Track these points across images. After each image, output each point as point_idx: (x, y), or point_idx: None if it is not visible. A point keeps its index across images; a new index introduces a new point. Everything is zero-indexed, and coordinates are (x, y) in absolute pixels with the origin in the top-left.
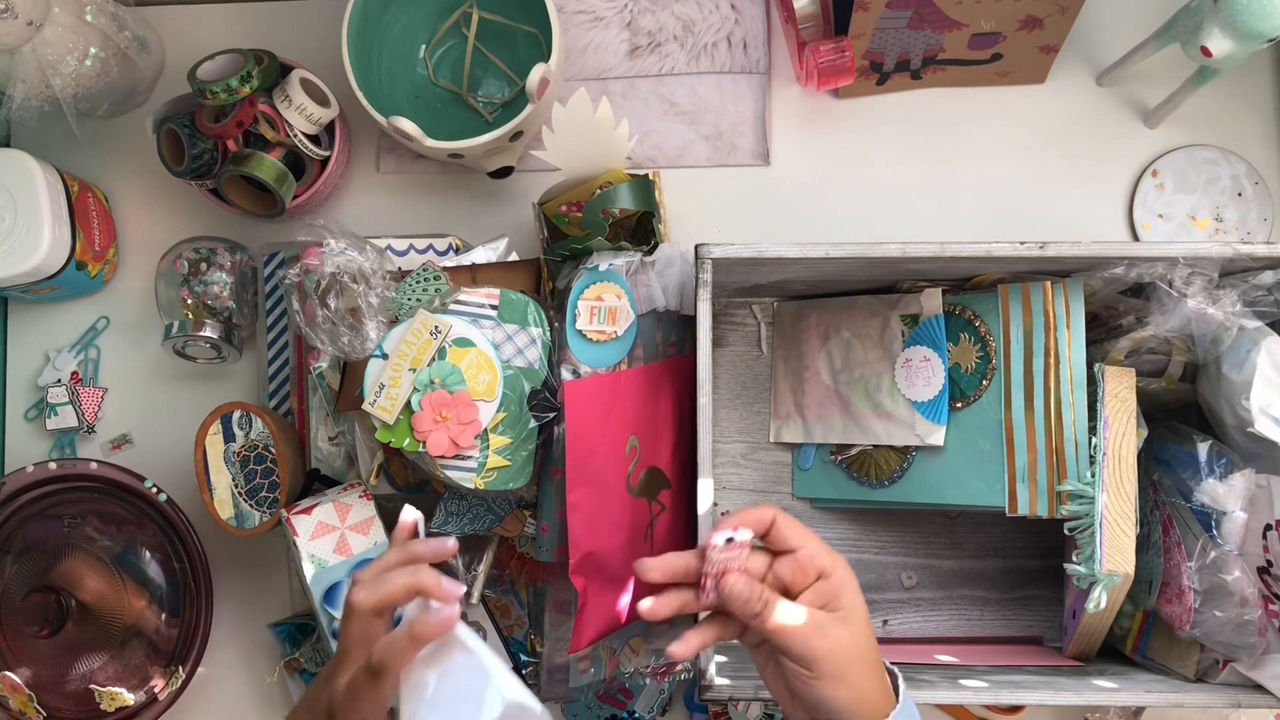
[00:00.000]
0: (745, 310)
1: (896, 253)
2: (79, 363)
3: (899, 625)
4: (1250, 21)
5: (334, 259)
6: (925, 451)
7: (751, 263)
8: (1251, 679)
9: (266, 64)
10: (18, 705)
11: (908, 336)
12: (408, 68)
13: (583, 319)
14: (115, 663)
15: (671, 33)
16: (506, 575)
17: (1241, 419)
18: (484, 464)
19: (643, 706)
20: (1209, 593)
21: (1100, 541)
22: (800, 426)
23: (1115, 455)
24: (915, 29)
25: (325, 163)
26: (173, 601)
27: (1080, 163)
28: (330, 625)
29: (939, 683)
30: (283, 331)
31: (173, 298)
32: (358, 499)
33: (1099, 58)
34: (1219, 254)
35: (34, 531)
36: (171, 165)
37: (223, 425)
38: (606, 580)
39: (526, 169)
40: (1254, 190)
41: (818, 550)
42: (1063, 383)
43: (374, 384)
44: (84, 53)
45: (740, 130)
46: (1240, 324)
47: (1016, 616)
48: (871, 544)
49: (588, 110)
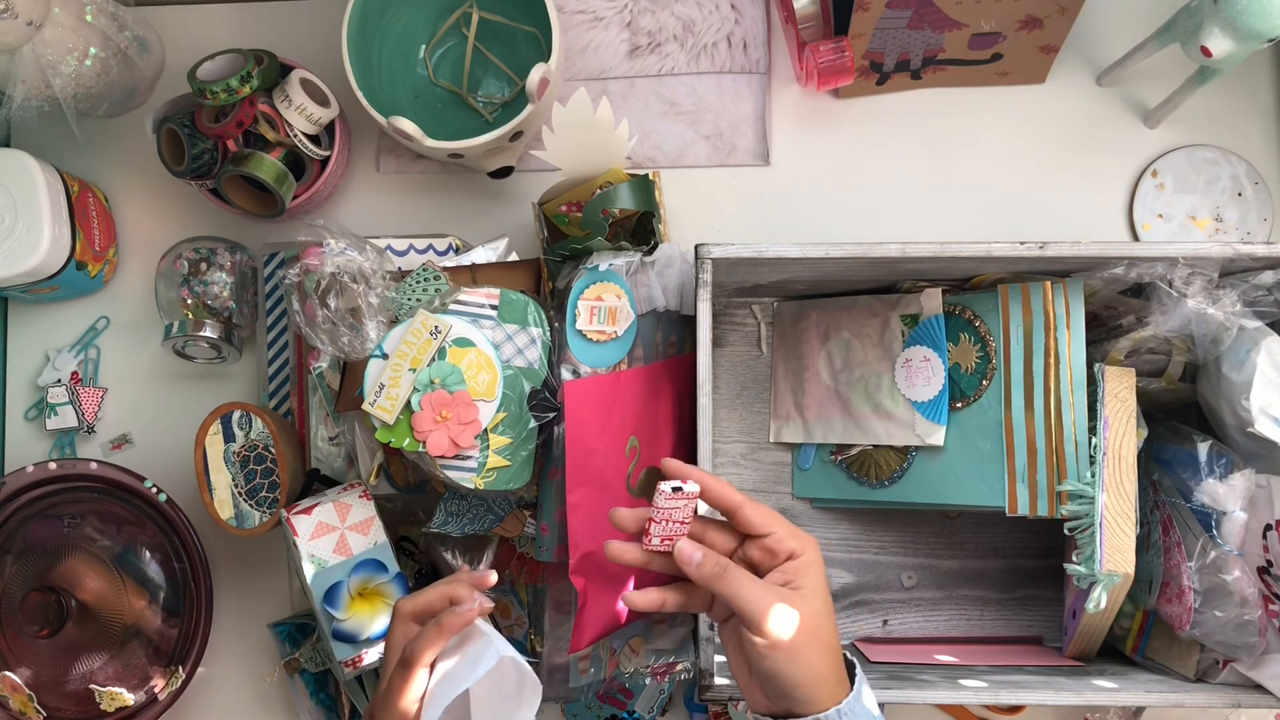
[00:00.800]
0: (745, 310)
1: (896, 253)
2: (79, 363)
3: (899, 625)
4: (1250, 21)
5: (334, 259)
6: (925, 451)
7: (751, 263)
8: (1251, 679)
9: (266, 64)
10: (18, 705)
11: (908, 336)
12: (408, 68)
13: (583, 319)
14: (115, 663)
15: (671, 33)
16: (506, 575)
17: (1241, 419)
18: (484, 464)
19: (643, 706)
20: (1209, 593)
21: (1100, 541)
22: (800, 426)
23: (1115, 455)
24: (915, 29)
25: (325, 163)
26: (173, 601)
27: (1080, 163)
28: (330, 625)
29: (939, 683)
30: (283, 331)
31: (173, 298)
32: (358, 499)
33: (1099, 58)
34: (1219, 254)
35: (34, 531)
36: (171, 165)
37: (223, 425)
38: (606, 580)
39: (526, 169)
40: (1254, 190)
41: (787, 534)
42: (1063, 383)
43: (374, 384)
44: (84, 53)
45: (740, 130)
46: (1240, 324)
47: (1016, 616)
48: (871, 544)
49: (588, 110)
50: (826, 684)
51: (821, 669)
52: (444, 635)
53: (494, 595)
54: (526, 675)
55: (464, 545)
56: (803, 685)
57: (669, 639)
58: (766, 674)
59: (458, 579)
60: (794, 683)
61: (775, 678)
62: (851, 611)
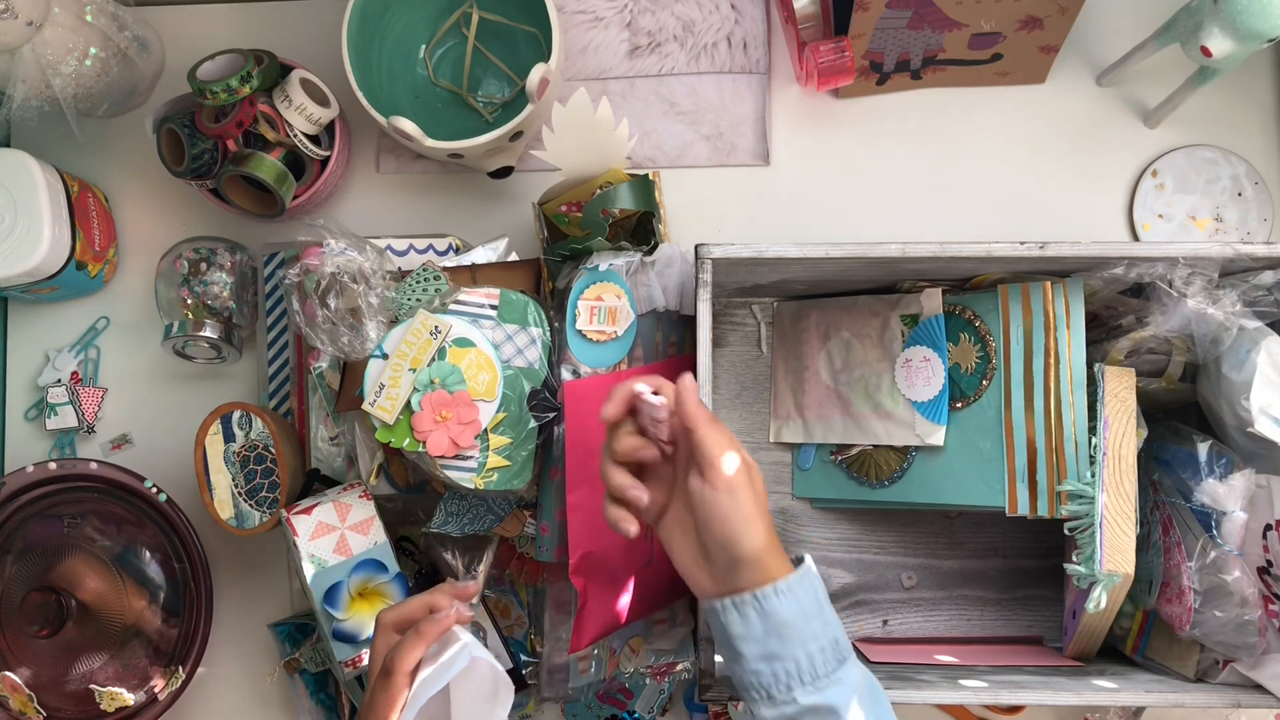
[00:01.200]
0: (745, 310)
1: (896, 253)
2: (79, 363)
3: (899, 625)
4: (1250, 21)
5: (334, 259)
6: (925, 451)
7: (751, 263)
8: (1251, 679)
9: (266, 64)
10: (18, 705)
11: (908, 336)
12: (408, 68)
13: (583, 319)
14: (115, 663)
15: (671, 33)
16: (506, 575)
17: (1241, 419)
18: (484, 464)
19: (643, 706)
20: (1209, 593)
21: (1100, 541)
22: (800, 426)
23: (1115, 455)
24: (915, 29)
25: (325, 163)
26: (173, 601)
27: (1080, 163)
28: (330, 625)
29: (939, 683)
30: (283, 331)
31: (173, 298)
32: (358, 499)
33: (1099, 58)
34: (1219, 254)
35: (34, 531)
36: (171, 165)
37: (223, 425)
38: (606, 580)
39: (526, 169)
40: (1254, 190)
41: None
42: (1063, 383)
43: (374, 384)
44: (84, 53)
45: (740, 130)
46: (1240, 324)
47: (1016, 616)
48: (871, 544)
49: (588, 110)
50: (774, 558)
51: (767, 535)
52: (422, 643)
53: (494, 595)
54: (500, 677)
55: (464, 545)
56: (750, 547)
57: (669, 639)
58: (719, 534)
59: (439, 589)
60: (742, 544)
61: (726, 540)
62: (851, 611)
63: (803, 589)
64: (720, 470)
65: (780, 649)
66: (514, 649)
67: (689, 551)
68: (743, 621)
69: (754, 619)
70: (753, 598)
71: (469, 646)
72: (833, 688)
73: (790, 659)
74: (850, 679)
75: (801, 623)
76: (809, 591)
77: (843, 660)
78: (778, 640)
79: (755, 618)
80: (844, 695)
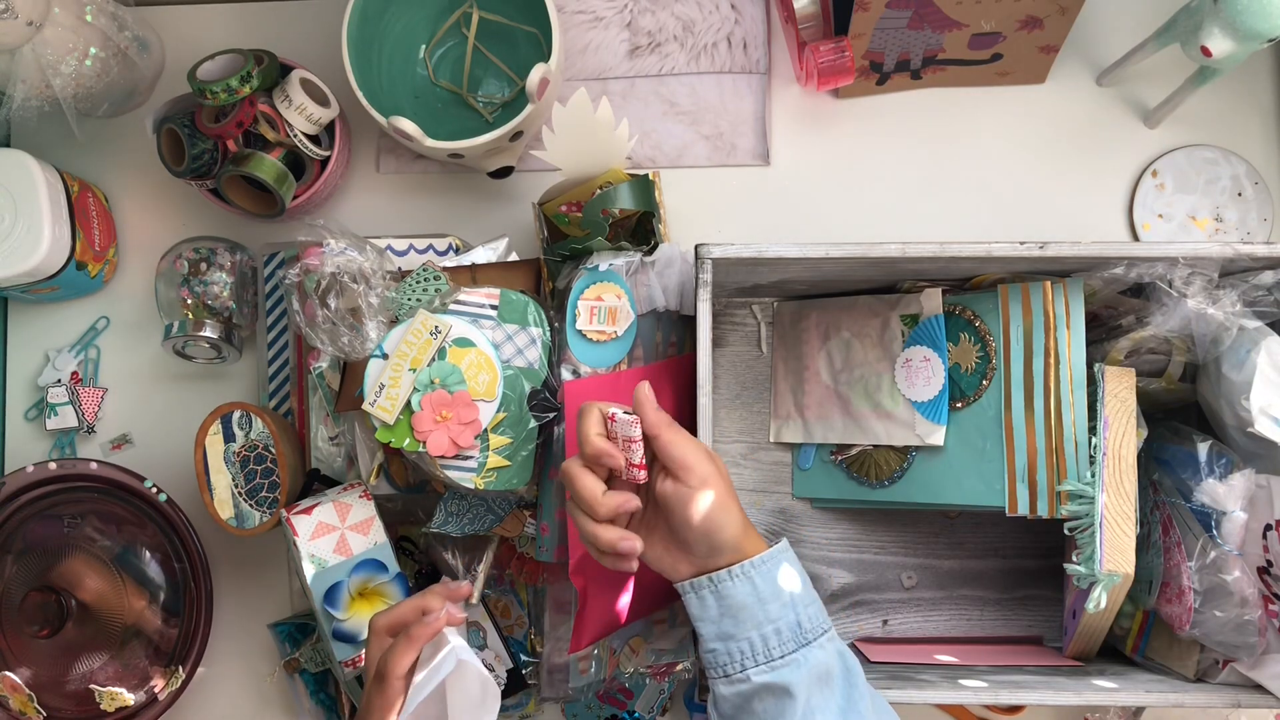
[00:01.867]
0: (745, 310)
1: (896, 253)
2: (79, 363)
3: (899, 625)
4: (1250, 21)
5: (334, 259)
6: (925, 451)
7: (751, 263)
8: (1251, 679)
9: (266, 64)
10: (18, 705)
11: (908, 336)
12: (408, 68)
13: (583, 319)
14: (115, 663)
15: (671, 33)
16: (506, 575)
17: (1241, 419)
18: (484, 464)
19: (643, 706)
20: (1209, 593)
21: (1100, 541)
22: (800, 426)
23: (1115, 455)
24: (915, 29)
25: (325, 163)
26: (173, 601)
27: (1080, 163)
28: (330, 625)
29: (939, 683)
30: (283, 331)
31: (173, 298)
32: (358, 499)
33: (1099, 58)
34: (1219, 254)
35: (34, 531)
36: (171, 165)
37: (223, 425)
38: (606, 580)
39: (526, 169)
40: (1254, 190)
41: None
42: (1063, 383)
43: (374, 384)
44: (84, 53)
45: (740, 130)
46: (1240, 324)
47: (1016, 616)
48: (871, 544)
49: (588, 110)
50: (750, 540)
51: (741, 517)
52: (413, 646)
53: (494, 595)
54: (487, 682)
55: (464, 545)
56: (730, 534)
57: (669, 639)
58: (701, 529)
59: (432, 590)
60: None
61: (708, 532)
62: (851, 611)
63: (760, 575)
64: (694, 470)
65: (734, 629)
66: (514, 649)
67: (657, 545)
68: (700, 604)
69: (710, 601)
70: (709, 580)
71: (456, 650)
72: (787, 668)
73: (744, 639)
74: (809, 661)
75: (755, 605)
76: (766, 577)
77: (806, 643)
78: (732, 621)
79: (711, 600)
80: (799, 675)
